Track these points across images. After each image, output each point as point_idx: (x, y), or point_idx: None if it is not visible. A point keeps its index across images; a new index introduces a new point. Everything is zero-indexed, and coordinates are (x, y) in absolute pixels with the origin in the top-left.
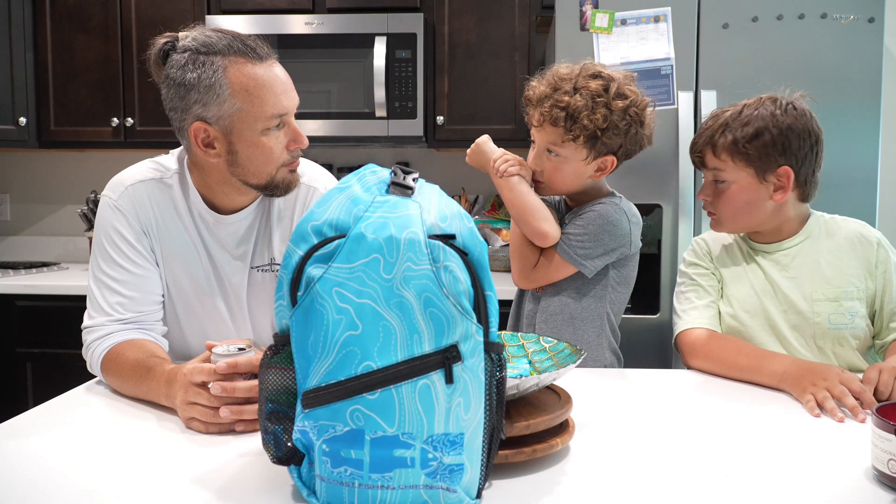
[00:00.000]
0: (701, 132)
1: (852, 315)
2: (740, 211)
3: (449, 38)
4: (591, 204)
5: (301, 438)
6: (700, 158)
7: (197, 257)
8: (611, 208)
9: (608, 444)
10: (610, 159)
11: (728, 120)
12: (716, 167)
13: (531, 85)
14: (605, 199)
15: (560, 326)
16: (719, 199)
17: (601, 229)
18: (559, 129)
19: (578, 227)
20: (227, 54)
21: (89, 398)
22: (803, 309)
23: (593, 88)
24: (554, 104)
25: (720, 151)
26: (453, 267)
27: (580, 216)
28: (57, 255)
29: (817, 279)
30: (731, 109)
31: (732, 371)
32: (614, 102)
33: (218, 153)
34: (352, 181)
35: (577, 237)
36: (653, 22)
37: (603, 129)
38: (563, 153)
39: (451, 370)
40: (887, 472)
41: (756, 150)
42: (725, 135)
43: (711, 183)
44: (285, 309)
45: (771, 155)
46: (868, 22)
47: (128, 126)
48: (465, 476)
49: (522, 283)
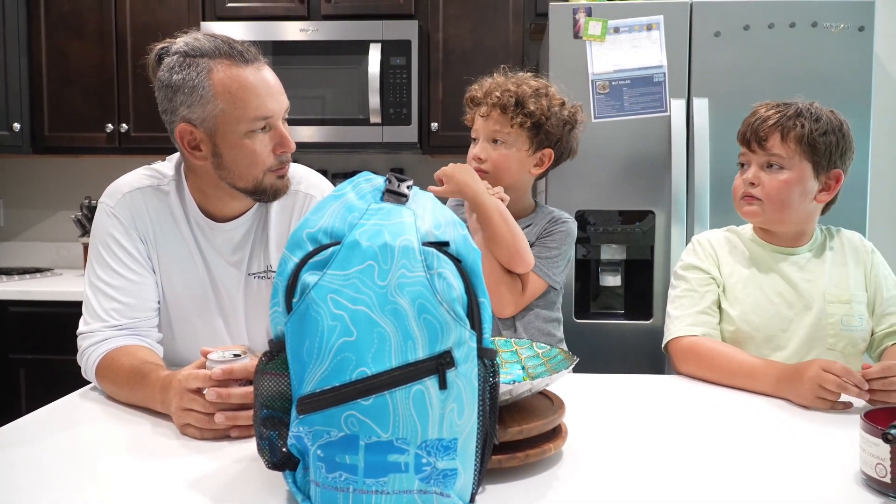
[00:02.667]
0: (764, 116)
1: (861, 318)
2: (787, 203)
3: (443, 45)
4: (551, 223)
5: (296, 444)
6: (761, 140)
7: (193, 264)
8: (571, 225)
9: (600, 449)
10: (548, 153)
11: (801, 110)
12: (778, 153)
13: (472, 87)
14: (554, 212)
15: (541, 337)
16: (768, 186)
17: (569, 247)
18: (506, 116)
19: (552, 249)
20: (213, 56)
21: (84, 404)
22: (820, 309)
23: (535, 84)
24: (504, 91)
25: (790, 138)
26: (447, 274)
27: (550, 236)
28: (51, 261)
29: (829, 283)
30: (801, 103)
31: (725, 378)
32: (554, 97)
33: (204, 155)
34: (346, 188)
35: (553, 259)
36: (645, 30)
37: (547, 117)
38: (509, 140)
39: (444, 376)
40: (875, 476)
41: (824, 146)
42: (800, 123)
43: (762, 168)
44: (280, 315)
45: (833, 155)
46: (858, 30)
47: (122, 132)
48: (458, 481)
49: (510, 311)
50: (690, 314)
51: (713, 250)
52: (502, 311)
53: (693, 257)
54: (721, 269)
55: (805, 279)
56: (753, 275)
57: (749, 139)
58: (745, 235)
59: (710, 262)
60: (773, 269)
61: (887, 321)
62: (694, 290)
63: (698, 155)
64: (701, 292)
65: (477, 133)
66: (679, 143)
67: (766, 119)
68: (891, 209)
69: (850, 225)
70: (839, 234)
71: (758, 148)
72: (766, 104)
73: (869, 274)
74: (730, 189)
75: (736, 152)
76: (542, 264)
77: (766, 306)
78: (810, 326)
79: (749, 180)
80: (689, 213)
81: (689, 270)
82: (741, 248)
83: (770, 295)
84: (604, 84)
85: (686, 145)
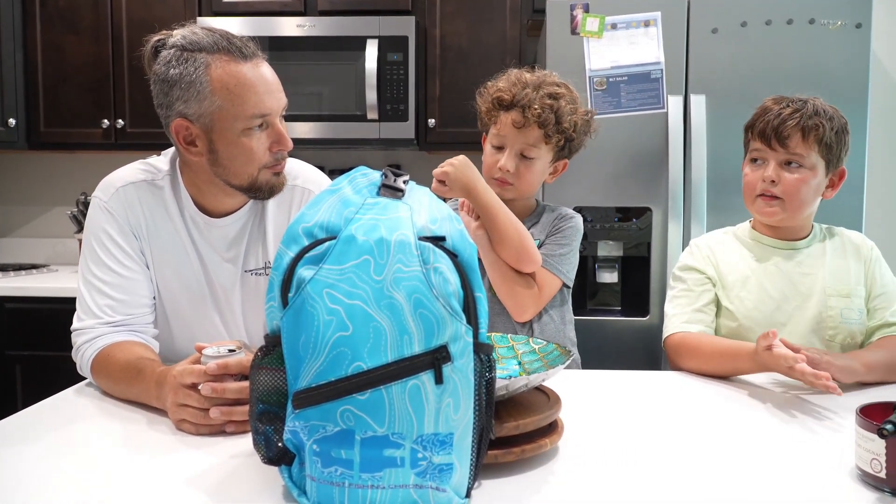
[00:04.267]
0: (786, 115)
1: (860, 312)
2: (805, 201)
3: (440, 42)
4: (559, 220)
5: (292, 439)
6: (783, 139)
7: (187, 259)
8: (578, 220)
9: (597, 444)
10: (563, 163)
11: (819, 109)
12: (799, 152)
13: (499, 87)
14: (559, 209)
15: (558, 337)
16: (788, 184)
17: (578, 242)
18: (542, 132)
19: (563, 246)
20: (211, 52)
21: (79, 400)
22: (820, 301)
23: (566, 94)
24: (543, 105)
25: (811, 138)
26: (443, 268)
27: (560, 233)
28: (46, 258)
29: (828, 276)
30: (811, 100)
31: (711, 364)
32: (579, 108)
33: (200, 151)
34: (343, 183)
35: (565, 256)
36: (643, 26)
37: (575, 132)
38: (537, 155)
39: (440, 371)
40: (871, 471)
41: (836, 145)
42: (820, 123)
43: (781, 165)
44: (276, 310)
45: (842, 153)
46: (856, 27)
47: (118, 128)
48: (454, 476)
49: (532, 312)
50: (686, 312)
51: (710, 252)
52: (523, 313)
53: (690, 258)
54: (719, 269)
55: (804, 273)
56: (753, 271)
57: (769, 136)
58: (742, 234)
59: (707, 262)
60: (772, 264)
61: (878, 316)
62: (690, 289)
63: (695, 151)
64: (697, 292)
65: (504, 140)
66: (676, 140)
67: (786, 117)
68: (888, 205)
69: (847, 221)
70: (840, 233)
71: (778, 146)
72: (775, 100)
73: (868, 270)
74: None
75: (733, 148)
76: (554, 262)
77: (767, 301)
78: (811, 320)
79: (770, 178)
80: (686, 209)
81: (686, 271)
82: (739, 246)
83: (770, 290)
84: (601, 80)
85: (683, 142)
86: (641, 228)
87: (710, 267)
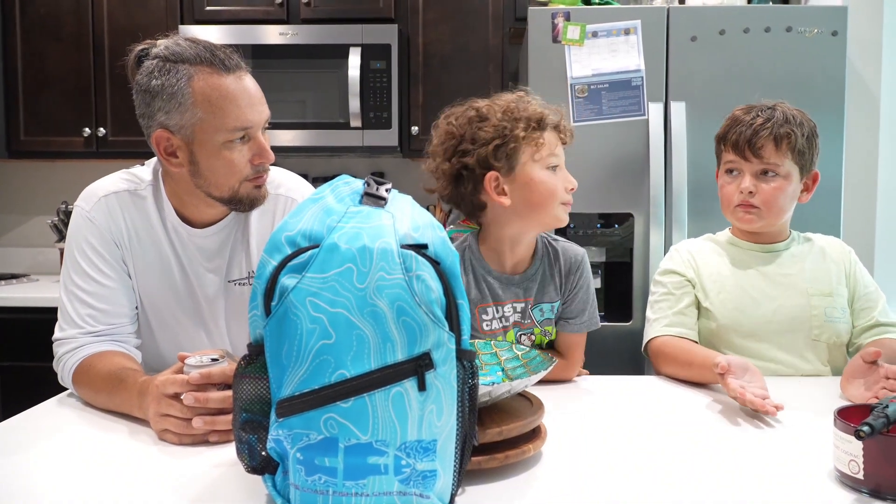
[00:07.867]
0: (758, 125)
1: (843, 311)
2: (784, 206)
3: (423, 49)
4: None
5: (275, 447)
6: (756, 150)
7: (171, 270)
8: (585, 262)
9: (580, 449)
10: None
11: (788, 116)
12: (774, 161)
13: (758, 122)
14: (558, 255)
15: None
16: (765, 193)
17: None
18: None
19: (590, 295)
20: (194, 63)
21: (61, 411)
22: (802, 302)
23: None
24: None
25: (784, 146)
26: (425, 276)
27: (580, 290)
28: (27, 267)
29: (809, 276)
30: (779, 106)
31: (687, 371)
32: None
33: (180, 162)
34: (325, 192)
35: (594, 305)
36: (623, 34)
37: None
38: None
39: (423, 378)
40: (848, 472)
41: (808, 151)
42: (790, 130)
43: (756, 176)
44: (259, 319)
45: (814, 157)
46: (832, 35)
47: (100, 136)
48: (438, 482)
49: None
50: (667, 316)
51: (690, 255)
52: (571, 376)
53: (670, 262)
54: (699, 272)
55: (784, 273)
56: (734, 274)
57: (743, 148)
58: (722, 240)
59: (687, 266)
60: (752, 268)
61: (866, 315)
62: (671, 293)
63: (676, 158)
64: (677, 295)
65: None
66: (657, 147)
67: (758, 128)
68: (864, 211)
69: (825, 227)
70: (818, 238)
71: (753, 157)
72: (744, 109)
73: (849, 272)
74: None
75: (713, 154)
76: (592, 319)
77: (747, 301)
78: (793, 320)
79: (748, 189)
80: (667, 215)
81: (666, 275)
82: (720, 251)
83: (750, 291)
84: (582, 88)
85: (664, 148)
86: (624, 235)
87: (690, 269)
